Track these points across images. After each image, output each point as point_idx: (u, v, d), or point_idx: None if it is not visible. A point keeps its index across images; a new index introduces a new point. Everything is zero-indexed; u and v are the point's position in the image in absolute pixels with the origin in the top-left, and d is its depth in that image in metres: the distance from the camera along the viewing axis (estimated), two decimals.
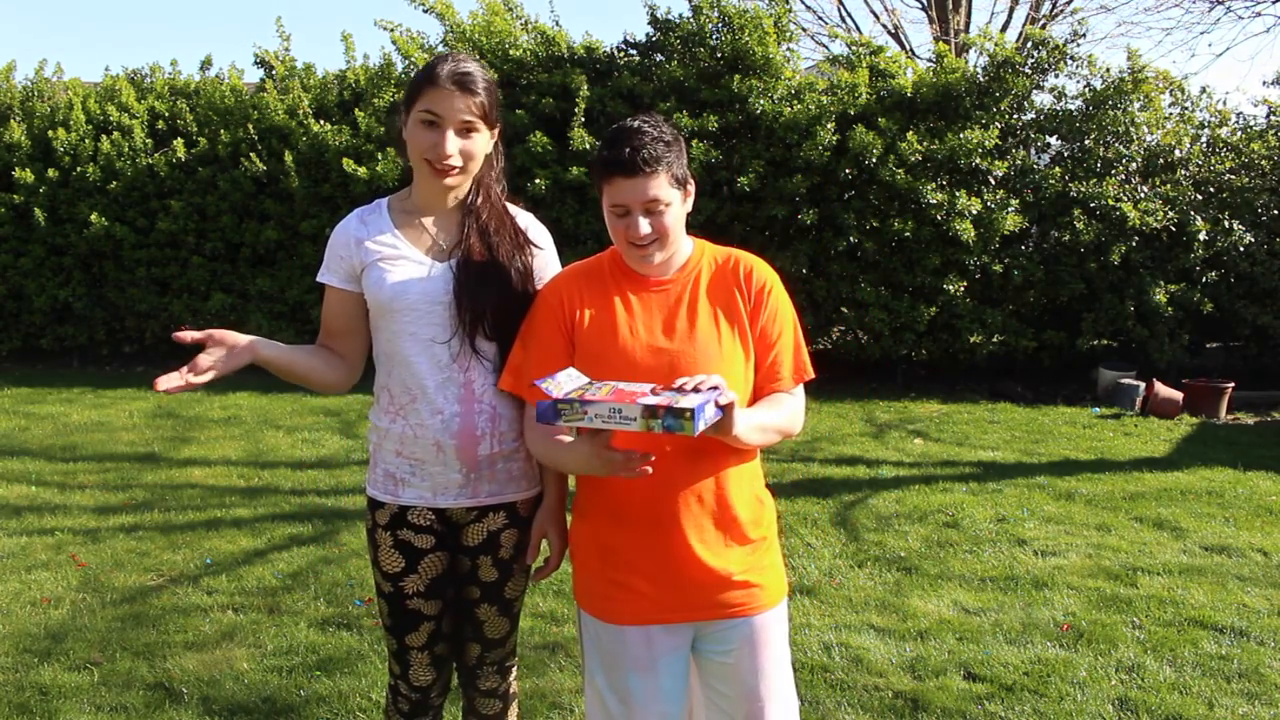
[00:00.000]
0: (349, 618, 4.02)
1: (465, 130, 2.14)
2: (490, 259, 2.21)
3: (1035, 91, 9.05)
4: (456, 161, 2.14)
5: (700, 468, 2.06)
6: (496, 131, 2.24)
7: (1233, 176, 9.10)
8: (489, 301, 2.18)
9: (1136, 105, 8.96)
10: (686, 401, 1.77)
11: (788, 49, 9.17)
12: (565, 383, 1.89)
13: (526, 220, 2.33)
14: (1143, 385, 8.48)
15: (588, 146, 8.64)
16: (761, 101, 8.66)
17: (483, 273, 2.19)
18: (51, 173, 9.86)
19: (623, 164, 1.99)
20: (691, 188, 2.13)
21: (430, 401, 2.19)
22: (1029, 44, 9.05)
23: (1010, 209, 8.67)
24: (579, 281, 2.15)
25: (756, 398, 2.14)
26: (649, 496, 2.05)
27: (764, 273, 2.16)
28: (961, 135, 8.54)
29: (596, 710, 2.19)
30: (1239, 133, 9.34)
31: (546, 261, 2.32)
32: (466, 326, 2.17)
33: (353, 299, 2.25)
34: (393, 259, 2.20)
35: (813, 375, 2.19)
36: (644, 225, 2.02)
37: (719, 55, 9.00)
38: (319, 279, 2.27)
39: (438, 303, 2.18)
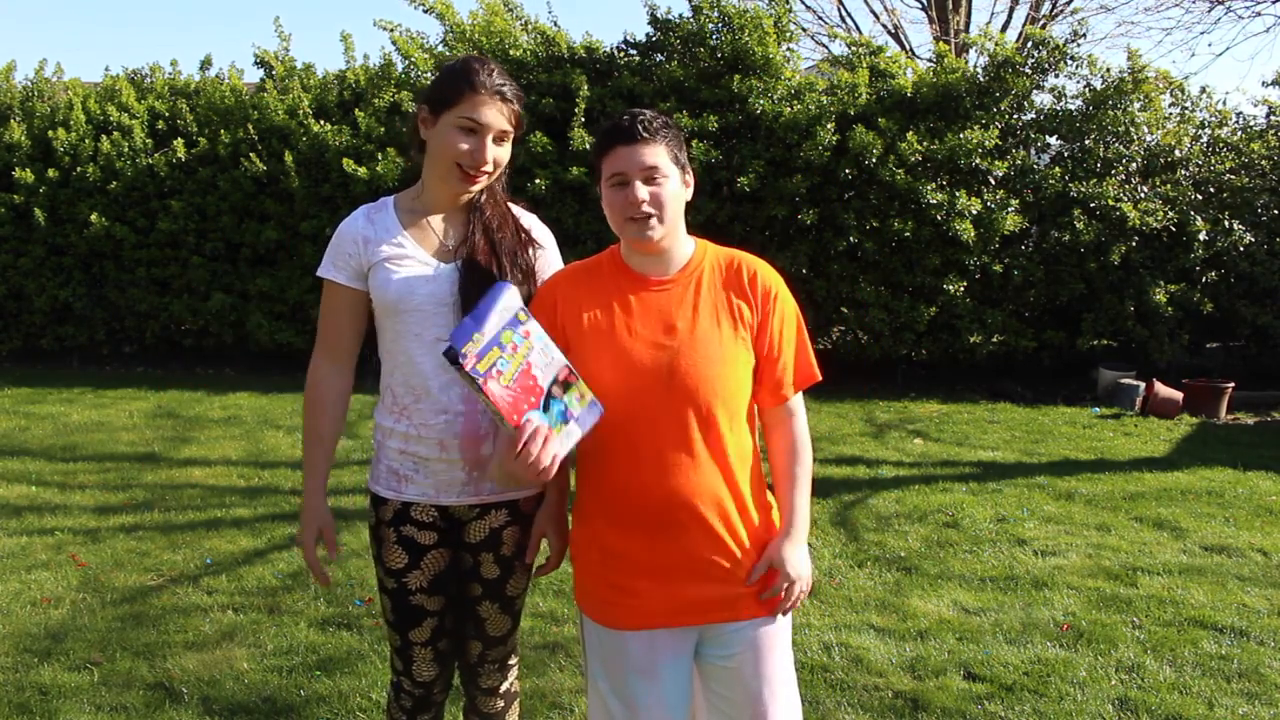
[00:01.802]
0: (349, 618, 4.02)
1: (500, 138, 2.19)
2: (494, 259, 2.21)
3: (1035, 91, 9.05)
4: (490, 168, 2.18)
5: (704, 471, 2.05)
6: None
7: (1232, 176, 9.10)
8: None
9: (1136, 105, 8.96)
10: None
11: (788, 49, 9.17)
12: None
13: (530, 220, 2.34)
14: (1143, 385, 8.48)
15: (588, 146, 8.63)
16: (761, 101, 8.66)
17: (487, 273, 2.20)
18: (51, 173, 9.85)
19: (623, 131, 2.03)
20: (690, 179, 2.12)
21: (435, 401, 2.20)
22: (1029, 44, 9.04)
23: (1010, 209, 8.67)
24: (577, 281, 2.14)
25: (762, 406, 2.14)
26: (652, 499, 2.04)
27: (770, 278, 2.15)
28: (961, 135, 8.54)
29: (600, 714, 2.17)
30: (1239, 133, 9.35)
31: (549, 260, 2.33)
32: None
33: (359, 296, 2.26)
34: (399, 259, 2.20)
35: (819, 378, 2.18)
36: (642, 191, 2.01)
37: (719, 55, 9.00)
38: (323, 274, 2.26)
39: (443, 304, 2.19)
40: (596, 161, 2.09)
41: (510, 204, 2.33)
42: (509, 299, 1.87)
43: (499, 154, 2.19)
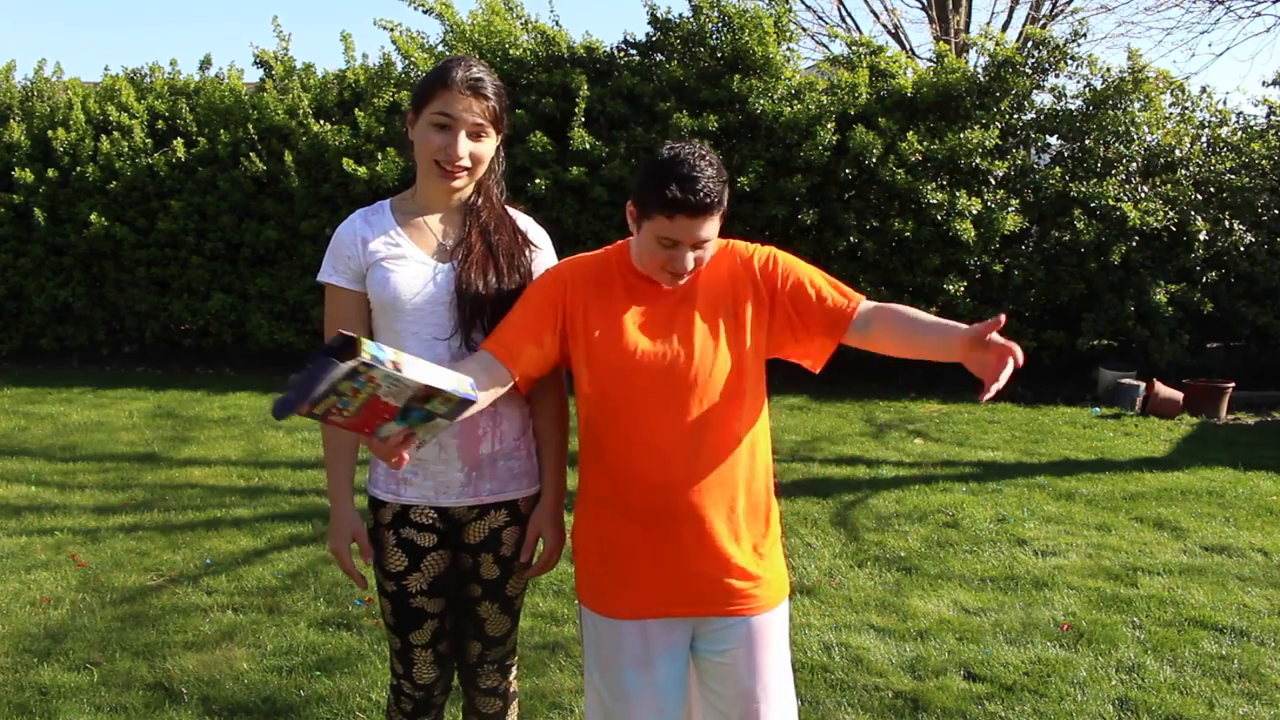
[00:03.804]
0: (349, 618, 4.02)
1: (476, 134, 2.16)
2: (491, 258, 2.22)
3: (1035, 91, 9.04)
4: (466, 163, 2.16)
5: (703, 465, 2.06)
6: (501, 137, 2.25)
7: (1233, 176, 9.09)
8: (488, 299, 2.19)
9: (1137, 105, 8.95)
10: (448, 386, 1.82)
11: (788, 49, 9.16)
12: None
13: (526, 222, 2.34)
14: (1143, 385, 8.47)
15: (588, 146, 8.64)
16: (761, 101, 8.66)
17: (484, 271, 2.20)
18: (51, 173, 9.85)
19: (692, 205, 1.96)
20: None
21: None
22: (1029, 44, 9.04)
23: (1010, 209, 8.67)
24: (585, 274, 2.15)
25: (829, 339, 2.14)
26: (652, 489, 2.06)
27: (759, 251, 2.17)
28: (962, 135, 8.53)
29: (594, 707, 2.20)
30: (1239, 132, 9.34)
31: (544, 263, 2.33)
32: (464, 324, 2.18)
33: (362, 299, 2.25)
34: (396, 258, 2.20)
35: (862, 295, 2.20)
36: (690, 261, 2.03)
37: (719, 55, 8.99)
38: (324, 279, 2.26)
39: (440, 302, 2.19)
40: (649, 210, 2.00)
41: (506, 206, 2.33)
42: (336, 372, 1.80)
43: (476, 149, 2.17)
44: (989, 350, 1.97)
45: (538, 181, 8.67)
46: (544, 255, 2.33)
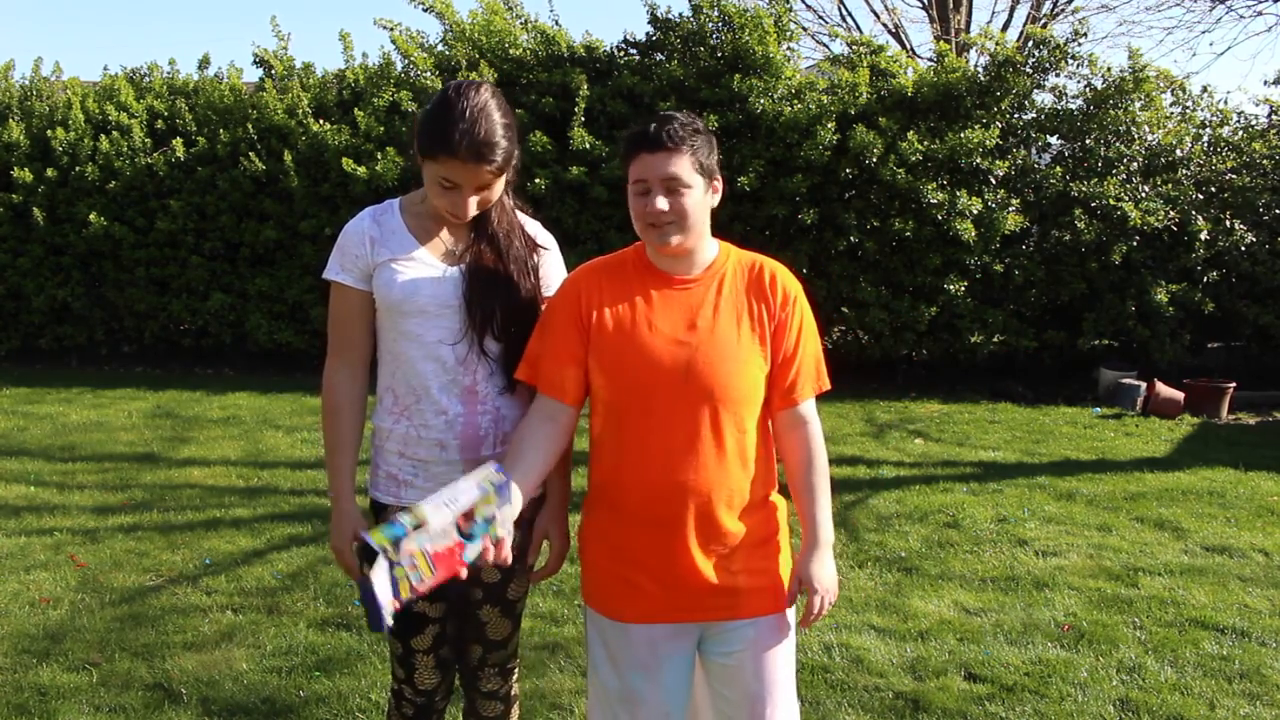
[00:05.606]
0: (348, 618, 4.01)
1: (483, 188, 2.13)
2: (500, 263, 2.21)
3: (1036, 91, 9.04)
4: (474, 212, 2.15)
5: (712, 468, 2.05)
6: (514, 165, 2.20)
7: (1234, 176, 9.09)
8: (498, 303, 2.18)
9: (1138, 105, 8.95)
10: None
11: (788, 48, 9.16)
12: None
13: (535, 227, 2.34)
14: (1144, 385, 8.47)
15: (588, 146, 8.63)
16: (762, 101, 8.65)
17: (493, 276, 2.19)
18: (50, 172, 9.84)
19: (648, 139, 2.01)
20: (718, 184, 2.11)
21: (434, 402, 2.19)
22: (1030, 43, 9.03)
23: (1011, 209, 8.66)
24: (601, 275, 2.15)
25: (773, 411, 2.15)
26: (658, 494, 2.05)
27: (790, 283, 2.16)
28: (962, 135, 8.52)
29: (597, 708, 2.19)
30: (1240, 132, 9.34)
31: (552, 263, 2.33)
32: (476, 329, 2.17)
33: (368, 298, 2.23)
34: (404, 260, 2.19)
35: (829, 386, 2.21)
36: (661, 202, 2.01)
37: (719, 54, 8.99)
38: (331, 277, 2.24)
39: (447, 306, 2.17)
40: (624, 164, 2.08)
41: (517, 211, 2.31)
42: (377, 581, 1.84)
43: (484, 196, 2.14)
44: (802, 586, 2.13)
45: (538, 181, 8.66)
46: (552, 256, 2.33)
